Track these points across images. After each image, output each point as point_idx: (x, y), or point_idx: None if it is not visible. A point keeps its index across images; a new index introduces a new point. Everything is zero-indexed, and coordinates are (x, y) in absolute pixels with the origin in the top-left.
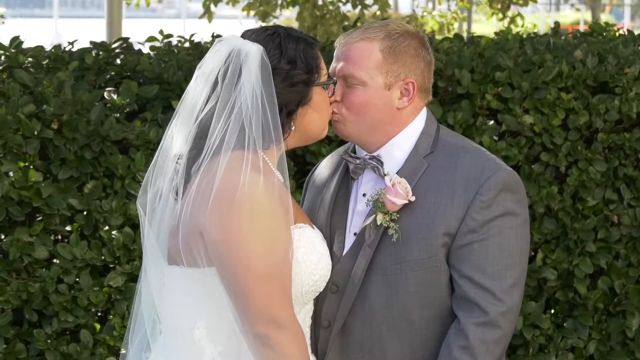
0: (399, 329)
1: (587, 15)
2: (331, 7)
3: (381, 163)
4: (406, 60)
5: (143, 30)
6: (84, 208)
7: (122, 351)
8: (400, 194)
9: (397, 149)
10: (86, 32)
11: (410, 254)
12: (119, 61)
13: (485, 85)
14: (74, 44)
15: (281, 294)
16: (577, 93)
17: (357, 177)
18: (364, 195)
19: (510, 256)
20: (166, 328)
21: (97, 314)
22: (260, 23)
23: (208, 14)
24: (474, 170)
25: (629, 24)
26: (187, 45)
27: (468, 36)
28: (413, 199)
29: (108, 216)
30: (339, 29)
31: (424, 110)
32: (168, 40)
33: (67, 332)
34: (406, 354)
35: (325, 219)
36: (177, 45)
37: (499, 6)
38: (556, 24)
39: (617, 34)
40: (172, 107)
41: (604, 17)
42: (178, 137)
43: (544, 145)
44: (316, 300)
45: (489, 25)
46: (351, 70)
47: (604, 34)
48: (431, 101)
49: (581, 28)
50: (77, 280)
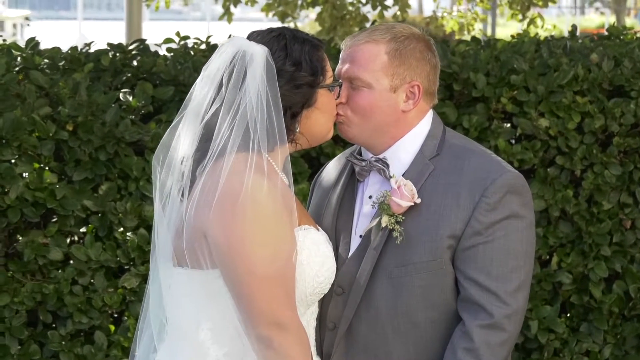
0: (404, 331)
1: (613, 19)
2: (351, 8)
3: (387, 165)
4: (412, 63)
5: (168, 33)
6: (99, 209)
7: (137, 353)
8: (405, 196)
9: (403, 151)
10: (111, 34)
11: (416, 256)
12: (135, 63)
13: (500, 88)
14: (91, 45)
15: (284, 296)
16: (592, 96)
17: (363, 180)
18: (369, 197)
19: (516, 259)
20: (172, 329)
21: (111, 316)
22: (281, 24)
23: (227, 15)
24: (480, 173)
25: None
26: (203, 47)
27: (484, 38)
28: (419, 201)
29: (123, 218)
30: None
31: (429, 113)
32: (184, 42)
33: (81, 334)
34: (411, 355)
35: (331, 221)
36: (193, 47)
37: (518, 7)
38: (573, 27)
39: (634, 38)
40: None
41: (628, 21)
42: (185, 138)
43: (559, 148)
44: (321, 302)
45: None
46: (357, 72)
47: (621, 38)
48: (446, 104)
49: (606, 32)
50: (91, 281)
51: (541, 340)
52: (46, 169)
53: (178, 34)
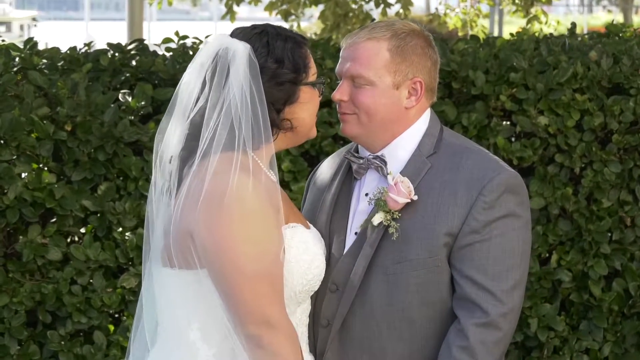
0: (399, 328)
1: (620, 17)
2: (354, 6)
3: (385, 163)
4: (413, 59)
5: (184, 34)
6: (98, 209)
7: (132, 353)
8: (402, 192)
9: (401, 148)
10: (118, 34)
11: (412, 253)
12: (134, 63)
13: (499, 86)
14: (91, 45)
15: (272, 294)
16: (591, 94)
17: (360, 177)
18: (366, 195)
19: (512, 257)
20: (163, 329)
21: (110, 316)
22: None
23: (231, 14)
24: (477, 171)
25: None
26: (202, 46)
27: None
28: (415, 198)
29: (122, 217)
30: None
31: (428, 111)
32: (183, 42)
33: (80, 334)
34: (405, 353)
35: (326, 219)
36: (192, 46)
37: (522, 4)
38: (572, 24)
39: (633, 35)
40: None
41: (635, 19)
42: (172, 137)
43: (558, 146)
44: (315, 300)
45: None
46: (359, 70)
47: (620, 35)
48: (446, 102)
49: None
50: (90, 281)
51: (541, 338)
52: (45, 169)
53: (177, 33)
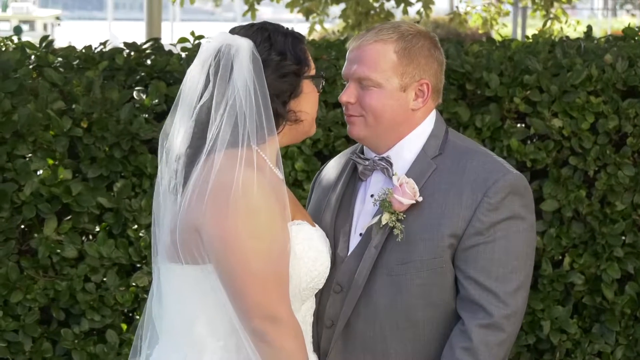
0: (402, 329)
1: None
2: (375, 4)
3: (390, 164)
4: (420, 61)
5: (199, 33)
6: (113, 206)
7: (148, 351)
8: (407, 194)
9: (407, 150)
10: (142, 34)
11: (416, 254)
12: (149, 62)
13: (513, 88)
14: (107, 44)
15: (277, 290)
16: (606, 97)
17: (366, 179)
18: (371, 196)
19: (516, 259)
20: (170, 324)
21: (123, 314)
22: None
23: (252, 11)
24: (482, 173)
25: None
26: (203, 42)
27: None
28: (420, 199)
29: (137, 215)
30: None
31: (433, 112)
32: (198, 42)
33: (94, 332)
34: (409, 354)
35: (331, 219)
36: None
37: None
38: (588, 27)
39: None
40: None
41: None
42: (178, 135)
43: (572, 149)
44: (319, 300)
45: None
46: (367, 72)
47: (636, 39)
48: (459, 104)
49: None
50: (104, 279)
51: (553, 341)
52: (60, 165)
53: (193, 33)
